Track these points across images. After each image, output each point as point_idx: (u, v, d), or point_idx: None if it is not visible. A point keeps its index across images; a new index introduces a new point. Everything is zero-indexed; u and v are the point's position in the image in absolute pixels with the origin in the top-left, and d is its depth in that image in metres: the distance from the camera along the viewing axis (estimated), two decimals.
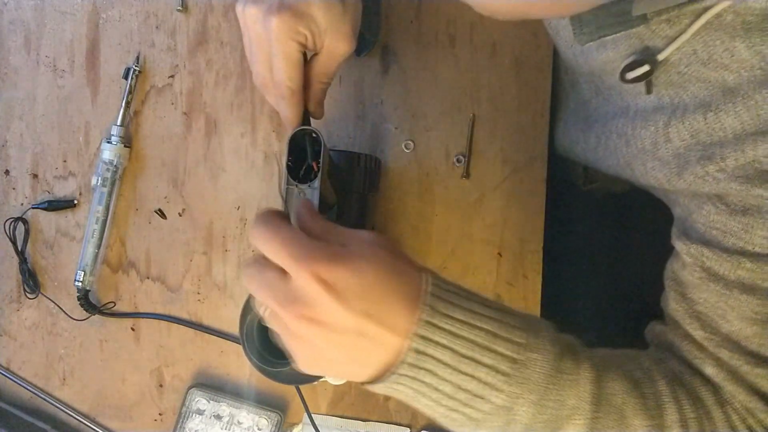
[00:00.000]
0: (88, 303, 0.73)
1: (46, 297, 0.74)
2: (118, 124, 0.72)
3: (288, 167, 0.52)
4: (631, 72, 0.49)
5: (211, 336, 0.73)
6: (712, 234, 0.49)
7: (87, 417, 0.74)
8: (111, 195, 0.72)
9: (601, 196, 0.84)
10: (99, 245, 0.72)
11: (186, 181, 0.74)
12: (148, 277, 0.74)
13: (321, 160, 0.51)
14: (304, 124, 0.55)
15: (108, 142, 0.72)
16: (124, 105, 0.72)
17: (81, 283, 0.71)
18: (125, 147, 0.73)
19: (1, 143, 0.75)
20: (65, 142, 0.75)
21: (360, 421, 0.72)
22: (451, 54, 0.71)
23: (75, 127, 0.75)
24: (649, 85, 0.51)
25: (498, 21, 0.67)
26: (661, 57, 0.47)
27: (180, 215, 0.74)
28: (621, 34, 0.48)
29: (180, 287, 0.74)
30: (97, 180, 0.72)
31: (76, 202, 0.74)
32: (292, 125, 0.53)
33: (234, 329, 0.73)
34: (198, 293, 0.74)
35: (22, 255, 0.74)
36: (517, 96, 0.71)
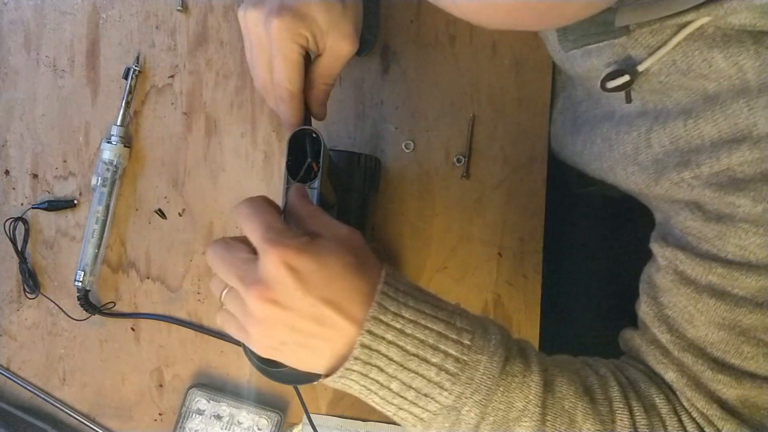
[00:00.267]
0: (88, 303, 0.73)
1: (46, 297, 0.74)
2: (118, 124, 0.72)
3: (288, 167, 0.52)
4: (612, 81, 0.50)
5: (211, 336, 0.73)
6: (687, 239, 0.50)
7: (87, 417, 0.74)
8: (111, 195, 0.72)
9: (600, 198, 0.84)
10: (99, 245, 0.72)
11: (186, 181, 0.74)
12: (148, 277, 0.74)
13: (321, 160, 0.52)
14: (304, 124, 0.55)
15: (108, 142, 0.72)
16: (124, 105, 0.72)
17: (81, 283, 0.71)
18: (125, 147, 0.73)
19: (1, 143, 0.75)
20: (65, 142, 0.75)
21: (360, 421, 0.72)
22: (451, 54, 0.71)
23: (75, 127, 0.75)
24: (629, 95, 0.52)
25: None
26: (641, 68, 0.48)
27: (180, 215, 0.74)
28: (605, 43, 0.49)
29: (180, 287, 0.74)
30: (97, 180, 0.72)
31: (76, 202, 0.74)
32: (291, 128, 0.53)
33: None
34: (198, 293, 0.74)
35: (22, 255, 0.74)
36: (517, 96, 0.71)
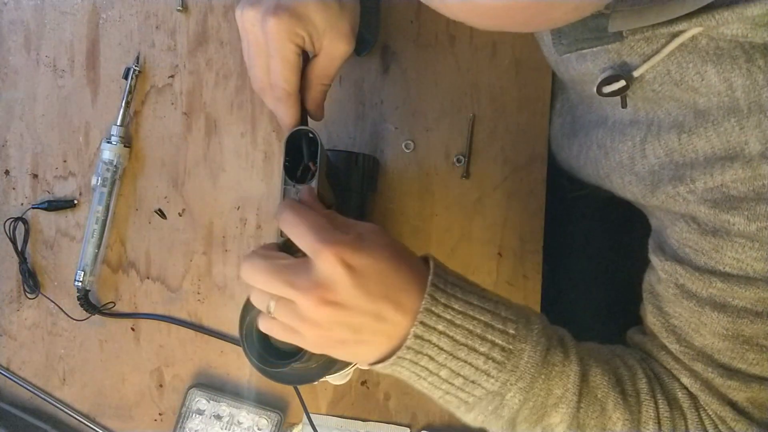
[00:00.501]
0: (88, 303, 0.73)
1: (46, 297, 0.75)
2: (118, 124, 0.72)
3: (285, 167, 0.52)
4: (608, 86, 0.51)
5: (211, 336, 0.73)
6: (684, 251, 0.51)
7: (87, 417, 0.74)
8: (111, 195, 0.72)
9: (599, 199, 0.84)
10: (99, 245, 0.72)
11: (186, 181, 0.74)
12: (148, 277, 0.74)
13: (318, 160, 0.51)
14: (302, 124, 0.55)
15: (108, 142, 0.72)
16: (124, 105, 0.72)
17: (81, 283, 0.71)
18: (125, 147, 0.73)
19: (1, 143, 0.75)
20: (65, 142, 0.75)
21: (360, 421, 0.72)
22: (451, 54, 0.71)
23: (75, 127, 0.75)
24: (624, 100, 0.52)
25: None
26: (637, 74, 0.48)
27: (180, 215, 0.74)
28: (599, 48, 0.50)
29: (180, 287, 0.74)
30: (97, 180, 0.72)
31: (76, 202, 0.74)
32: (288, 128, 0.53)
33: (234, 329, 0.73)
34: (198, 293, 0.74)
35: (22, 255, 0.74)
36: (517, 96, 0.71)
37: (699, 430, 0.51)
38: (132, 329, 0.74)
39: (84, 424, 0.74)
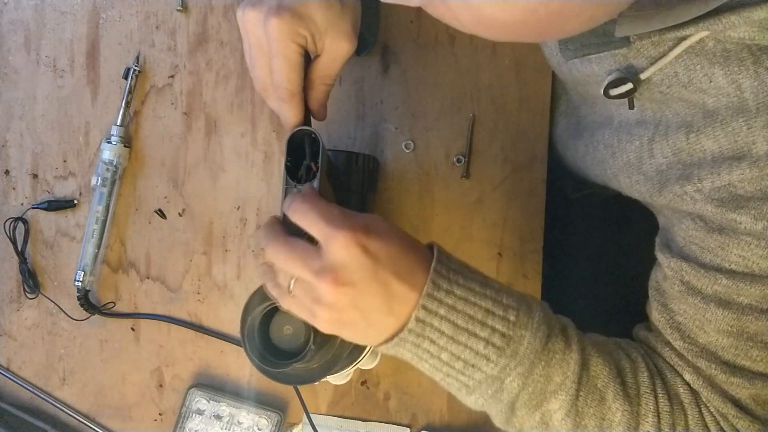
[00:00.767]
0: (88, 303, 0.72)
1: (46, 297, 0.74)
2: (118, 124, 0.72)
3: (287, 168, 0.52)
4: (615, 89, 0.51)
5: (211, 336, 0.73)
6: (690, 249, 0.51)
7: (87, 417, 0.74)
8: (111, 195, 0.72)
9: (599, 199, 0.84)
10: (99, 245, 0.72)
11: (186, 181, 0.74)
12: (148, 277, 0.74)
13: (320, 160, 0.52)
14: (304, 124, 0.55)
15: (108, 142, 0.72)
16: (124, 105, 0.72)
17: (81, 283, 0.71)
18: (125, 147, 0.73)
19: (1, 143, 0.75)
20: (65, 142, 0.75)
21: (360, 421, 0.72)
22: (451, 54, 0.71)
23: (75, 127, 0.75)
24: (632, 102, 0.53)
25: None
26: (644, 76, 0.49)
27: (180, 215, 0.74)
28: (605, 53, 0.50)
29: (180, 287, 0.74)
30: (97, 180, 0.72)
31: (76, 202, 0.74)
32: (291, 128, 0.53)
33: (234, 329, 0.73)
34: (198, 293, 0.74)
35: (22, 255, 0.74)
36: (517, 96, 0.71)
37: (700, 426, 0.51)
38: (132, 329, 0.74)
39: (84, 424, 0.74)
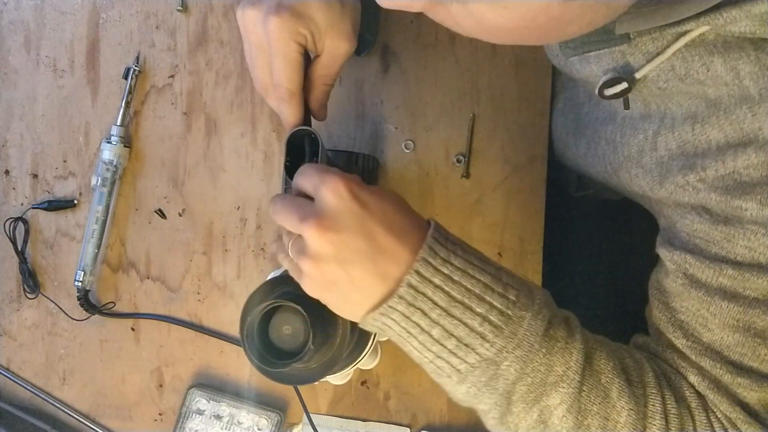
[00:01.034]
0: (88, 303, 0.73)
1: (46, 297, 0.74)
2: (118, 124, 0.72)
3: (286, 167, 0.52)
4: (610, 89, 0.50)
5: (211, 336, 0.73)
6: (695, 242, 0.49)
7: (87, 417, 0.74)
8: (111, 195, 0.72)
9: (599, 200, 0.84)
10: (99, 245, 0.72)
11: (186, 181, 0.74)
12: (148, 277, 0.74)
13: (319, 159, 0.52)
14: (305, 124, 0.55)
15: (108, 142, 0.72)
16: (124, 105, 0.72)
17: (81, 283, 0.71)
18: (125, 147, 0.73)
19: (1, 143, 0.75)
20: (65, 142, 0.75)
21: (360, 421, 0.72)
22: (451, 54, 0.71)
23: (75, 127, 0.75)
24: (627, 102, 0.52)
25: None
26: (639, 75, 0.48)
27: (180, 215, 0.74)
28: (605, 50, 0.49)
29: (180, 287, 0.74)
30: (97, 180, 0.72)
31: (76, 202, 0.74)
32: (292, 128, 0.53)
33: (234, 329, 0.73)
34: (198, 293, 0.74)
35: (22, 255, 0.74)
36: (517, 96, 0.71)
37: None
38: (132, 329, 0.74)
39: (84, 424, 0.74)
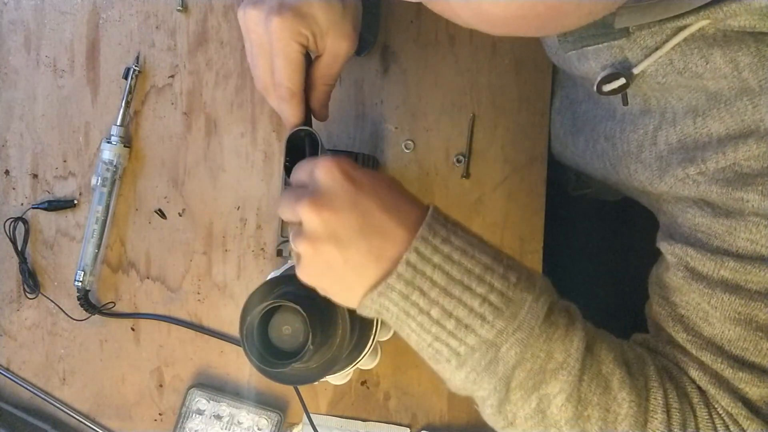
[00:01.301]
0: (88, 303, 0.73)
1: (46, 297, 0.74)
2: (118, 124, 0.72)
3: (286, 167, 0.52)
4: (608, 84, 0.50)
5: (211, 336, 0.73)
6: (696, 236, 0.49)
7: (87, 417, 0.74)
8: (111, 195, 0.72)
9: (598, 200, 0.84)
10: (99, 245, 0.72)
11: (186, 181, 0.74)
12: (148, 277, 0.74)
13: None
14: (306, 124, 0.55)
15: (108, 142, 0.72)
16: (124, 105, 0.72)
17: (81, 283, 0.71)
18: (125, 147, 0.73)
19: (1, 143, 0.75)
20: (65, 142, 0.75)
21: (360, 421, 0.72)
22: (451, 54, 0.71)
23: (75, 127, 0.75)
24: (625, 98, 0.52)
25: None
26: (637, 71, 0.48)
27: (180, 215, 0.74)
28: (603, 44, 0.49)
29: (180, 287, 0.74)
30: (97, 180, 0.72)
31: (76, 202, 0.74)
32: (293, 127, 0.53)
33: (234, 329, 0.73)
34: (198, 293, 0.74)
35: (22, 255, 0.74)
36: (517, 96, 0.71)
37: (710, 429, 0.47)
38: (132, 329, 0.74)
39: (84, 424, 0.74)
